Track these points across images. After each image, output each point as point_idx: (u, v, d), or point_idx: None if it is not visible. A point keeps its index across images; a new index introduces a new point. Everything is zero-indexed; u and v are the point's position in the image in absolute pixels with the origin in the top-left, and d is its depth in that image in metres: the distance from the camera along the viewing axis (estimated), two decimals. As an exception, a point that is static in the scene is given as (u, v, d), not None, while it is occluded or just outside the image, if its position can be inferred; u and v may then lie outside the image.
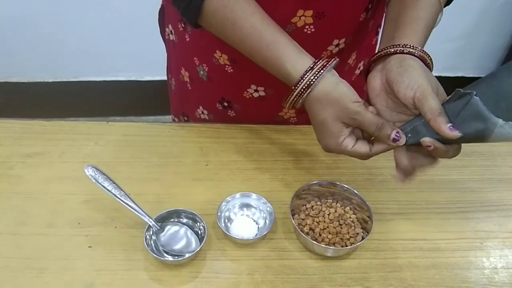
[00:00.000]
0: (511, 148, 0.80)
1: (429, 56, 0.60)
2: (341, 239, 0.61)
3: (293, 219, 0.61)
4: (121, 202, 0.59)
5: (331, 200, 0.66)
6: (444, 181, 0.73)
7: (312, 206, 0.65)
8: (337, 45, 0.70)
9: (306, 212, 0.64)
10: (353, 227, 0.62)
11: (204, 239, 0.58)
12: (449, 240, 0.64)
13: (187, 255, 0.57)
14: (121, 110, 2.03)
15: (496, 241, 0.65)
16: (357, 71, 0.83)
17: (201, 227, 0.61)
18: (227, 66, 0.74)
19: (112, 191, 0.59)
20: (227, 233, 0.60)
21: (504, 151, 0.79)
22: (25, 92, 1.97)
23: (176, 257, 0.58)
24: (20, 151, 0.72)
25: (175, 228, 0.61)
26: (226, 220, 0.63)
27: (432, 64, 0.61)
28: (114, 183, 0.60)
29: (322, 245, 0.59)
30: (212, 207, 0.63)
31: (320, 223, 0.62)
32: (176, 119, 0.94)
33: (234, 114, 0.81)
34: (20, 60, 1.88)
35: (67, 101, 2.00)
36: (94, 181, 0.59)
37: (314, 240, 0.59)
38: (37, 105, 2.00)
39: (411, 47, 0.58)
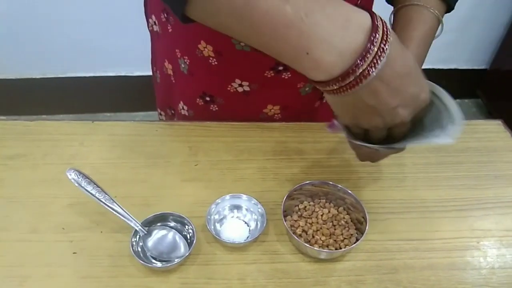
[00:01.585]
0: (508, 144, 0.78)
1: None
2: (335, 240, 0.59)
3: (285, 220, 0.59)
4: (106, 206, 0.57)
5: (324, 200, 0.64)
6: (439, 178, 0.71)
7: (305, 207, 0.63)
8: None
9: (299, 213, 0.62)
10: (347, 228, 0.61)
11: (193, 243, 0.56)
12: (445, 240, 0.63)
13: (175, 260, 0.55)
14: (110, 106, 2.00)
15: (493, 240, 0.63)
16: None
17: (190, 230, 0.59)
18: (211, 59, 0.71)
19: (96, 195, 0.57)
20: (217, 236, 0.58)
21: (500, 146, 0.78)
22: (13, 89, 1.93)
23: (164, 262, 0.56)
24: (1, 153, 0.70)
25: (163, 232, 0.59)
26: (216, 223, 0.61)
27: None
28: (98, 186, 0.58)
29: (316, 248, 0.57)
30: (201, 209, 0.61)
31: (313, 224, 0.61)
32: (162, 113, 0.92)
33: (216, 109, 0.78)
34: (7, 57, 1.84)
35: (56, 98, 1.97)
36: (77, 185, 0.57)
37: (307, 243, 0.58)
38: (25, 102, 1.96)
39: None
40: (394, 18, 0.72)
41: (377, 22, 0.40)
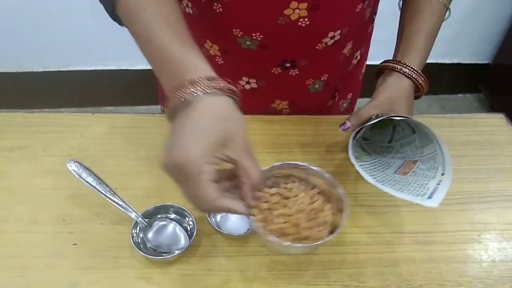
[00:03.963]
0: (510, 137, 0.78)
1: (416, 72, 0.64)
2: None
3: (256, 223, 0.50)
4: (106, 198, 0.57)
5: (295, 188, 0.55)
6: (441, 171, 0.71)
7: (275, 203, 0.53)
8: (332, 37, 0.68)
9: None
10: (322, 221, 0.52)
11: (194, 235, 0.56)
12: (446, 233, 0.62)
13: (176, 252, 0.55)
14: (112, 99, 2.00)
15: (494, 233, 0.63)
16: (354, 61, 0.81)
17: (190, 222, 0.59)
18: (217, 58, 0.71)
19: (97, 187, 0.57)
20: (217, 228, 0.58)
21: (502, 140, 0.77)
22: (15, 82, 1.93)
23: (164, 254, 0.56)
24: (2, 145, 0.69)
25: (163, 224, 0.59)
26: (217, 215, 0.61)
27: (424, 81, 0.65)
28: (98, 178, 0.57)
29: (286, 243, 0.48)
30: (202, 202, 0.61)
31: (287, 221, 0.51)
32: (165, 110, 0.91)
33: None
34: (8, 50, 1.83)
35: (57, 91, 1.96)
36: (77, 176, 0.57)
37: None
38: (26, 96, 1.96)
39: (398, 63, 0.65)
40: (403, 4, 0.72)
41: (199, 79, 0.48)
